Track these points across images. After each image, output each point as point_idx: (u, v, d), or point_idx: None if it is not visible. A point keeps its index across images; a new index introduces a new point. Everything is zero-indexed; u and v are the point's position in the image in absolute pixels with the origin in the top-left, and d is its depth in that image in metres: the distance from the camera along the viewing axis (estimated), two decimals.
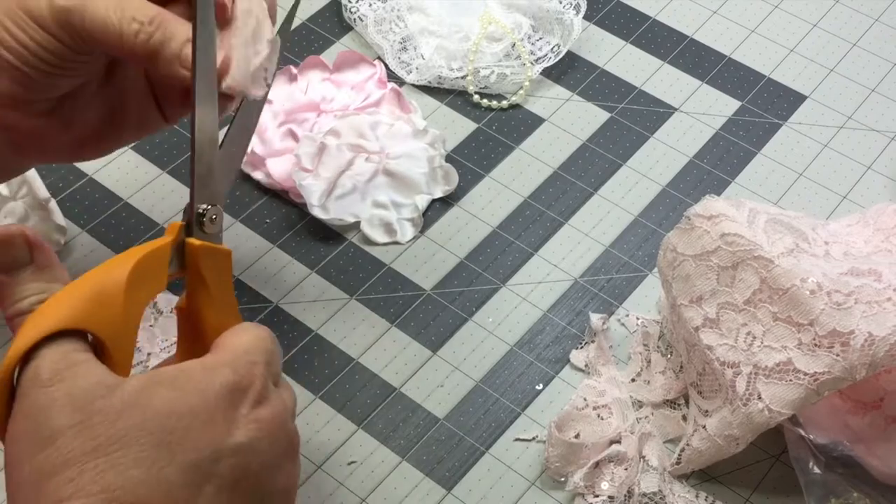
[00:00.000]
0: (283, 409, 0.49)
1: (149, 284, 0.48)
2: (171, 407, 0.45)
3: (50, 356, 0.44)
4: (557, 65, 0.81)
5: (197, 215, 0.51)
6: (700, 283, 0.61)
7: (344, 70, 0.79)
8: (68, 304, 0.45)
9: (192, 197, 0.51)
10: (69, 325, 0.44)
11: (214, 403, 0.46)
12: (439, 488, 0.62)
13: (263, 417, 0.48)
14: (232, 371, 0.47)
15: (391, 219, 0.72)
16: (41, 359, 0.44)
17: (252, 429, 0.47)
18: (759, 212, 0.62)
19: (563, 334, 0.69)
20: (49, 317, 0.44)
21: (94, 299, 0.45)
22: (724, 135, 0.79)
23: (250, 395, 0.47)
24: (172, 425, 0.44)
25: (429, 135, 0.75)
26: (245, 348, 0.49)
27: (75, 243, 0.71)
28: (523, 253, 0.72)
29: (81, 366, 0.44)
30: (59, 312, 0.44)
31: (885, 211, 0.65)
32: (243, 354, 0.48)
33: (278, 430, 0.48)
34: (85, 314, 0.45)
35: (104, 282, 0.46)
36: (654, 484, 0.62)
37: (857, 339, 0.56)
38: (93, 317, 0.45)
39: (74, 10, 0.54)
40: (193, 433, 0.45)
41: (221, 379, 0.47)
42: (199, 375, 0.47)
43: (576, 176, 0.76)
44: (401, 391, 0.66)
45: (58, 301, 0.45)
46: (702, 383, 0.62)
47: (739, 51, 0.84)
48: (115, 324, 0.46)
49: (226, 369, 0.47)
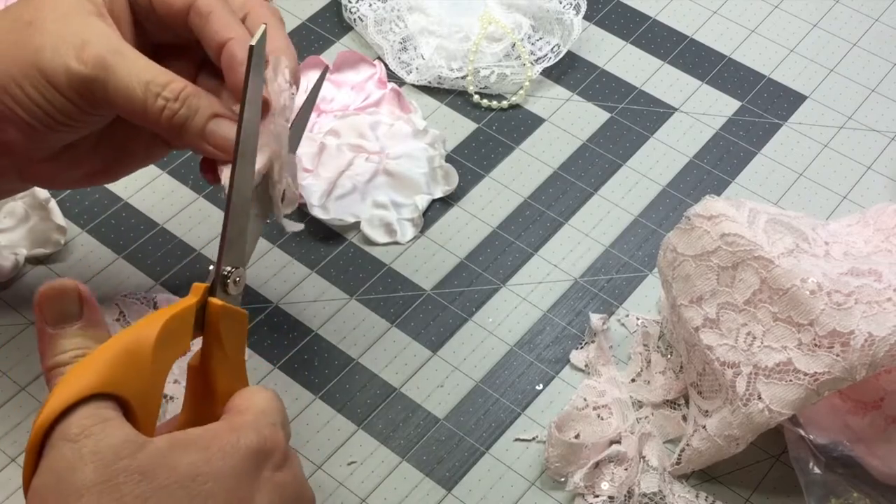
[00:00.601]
0: (301, 472, 0.50)
1: (174, 345, 0.49)
2: (196, 469, 0.45)
3: (79, 414, 0.44)
4: (557, 65, 0.81)
5: (222, 277, 0.51)
6: (700, 283, 0.61)
7: (344, 70, 0.79)
8: (99, 368, 0.45)
9: (220, 259, 0.52)
10: (99, 390, 0.45)
11: (240, 467, 0.46)
12: (439, 488, 0.62)
13: (285, 481, 0.48)
14: (256, 433, 0.47)
15: (391, 219, 0.72)
16: (71, 417, 0.44)
17: (274, 492, 0.47)
18: (759, 212, 0.62)
19: (563, 334, 0.69)
20: (81, 379, 0.45)
21: (123, 362, 0.46)
22: (724, 135, 0.79)
23: (273, 458, 0.47)
24: (197, 488, 0.44)
25: (429, 135, 0.75)
26: (264, 410, 0.49)
27: (75, 243, 0.71)
28: (523, 253, 0.72)
29: (109, 423, 0.44)
30: (90, 376, 0.45)
31: (885, 211, 0.65)
32: (263, 416, 0.48)
33: (298, 493, 0.49)
34: (114, 378, 0.45)
35: (133, 345, 0.46)
36: (654, 484, 0.62)
37: (857, 339, 0.56)
38: (122, 381, 0.45)
39: (97, 80, 0.54)
40: (218, 496, 0.45)
41: (247, 441, 0.46)
42: (225, 437, 0.46)
43: (576, 176, 0.76)
44: (401, 391, 0.66)
45: (89, 364, 0.46)
46: (702, 383, 0.62)
47: (739, 51, 0.84)
48: (143, 386, 0.46)
49: (250, 432, 0.47)
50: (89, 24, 0.55)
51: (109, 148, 0.60)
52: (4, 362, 0.66)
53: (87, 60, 0.53)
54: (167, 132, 0.55)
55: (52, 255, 0.70)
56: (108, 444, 0.43)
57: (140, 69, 0.54)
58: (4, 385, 0.65)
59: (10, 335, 0.67)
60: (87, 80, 0.54)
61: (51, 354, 0.47)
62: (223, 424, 0.48)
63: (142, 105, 0.54)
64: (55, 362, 0.47)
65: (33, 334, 0.66)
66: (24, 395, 0.65)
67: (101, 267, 0.70)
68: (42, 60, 0.54)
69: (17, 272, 0.69)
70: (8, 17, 0.56)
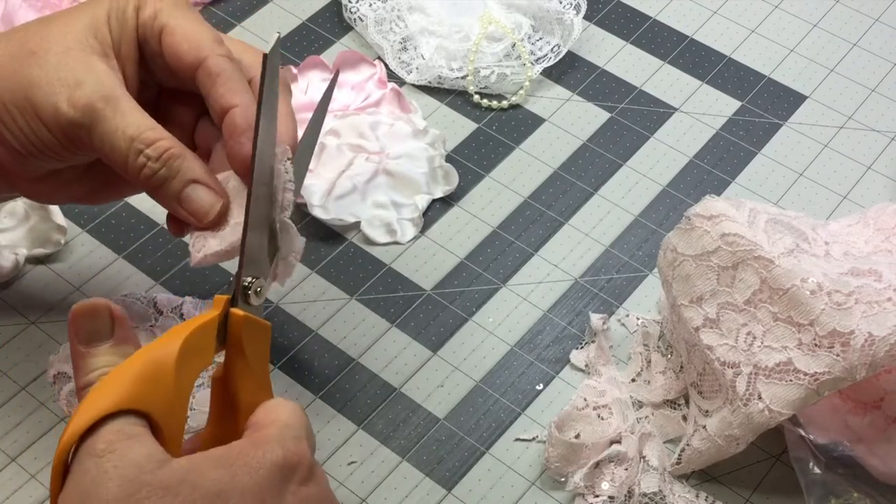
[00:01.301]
0: (328, 485, 0.49)
1: (197, 360, 0.48)
2: (220, 485, 0.44)
3: (105, 430, 0.44)
4: (557, 65, 0.81)
5: (243, 287, 0.51)
6: (700, 283, 0.61)
7: (344, 70, 0.79)
8: (123, 384, 0.45)
9: (241, 270, 0.52)
10: (124, 406, 0.45)
11: (265, 482, 0.45)
12: (439, 488, 0.62)
13: (311, 495, 0.47)
14: (281, 448, 0.47)
15: (391, 219, 0.72)
16: (97, 433, 0.44)
17: None
18: (759, 212, 0.62)
19: (563, 334, 0.69)
20: (106, 396, 0.45)
21: (146, 378, 0.46)
22: (725, 135, 0.79)
23: (298, 472, 0.47)
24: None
25: (429, 135, 0.75)
26: (287, 423, 0.48)
27: (75, 243, 0.71)
28: (523, 253, 0.72)
29: (134, 439, 0.44)
30: (114, 393, 0.45)
31: (886, 211, 0.65)
32: (287, 430, 0.48)
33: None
34: (138, 395, 0.45)
35: (155, 360, 0.46)
36: (655, 484, 0.62)
37: (857, 339, 0.56)
38: (146, 396, 0.45)
39: (83, 126, 0.54)
40: None
41: (272, 456, 0.46)
42: (249, 452, 0.46)
43: (576, 176, 0.76)
44: (401, 391, 0.66)
45: (113, 380, 0.46)
46: (702, 383, 0.62)
47: (739, 51, 0.84)
48: (167, 401, 0.46)
49: (275, 446, 0.47)
50: (89, 65, 0.54)
51: (96, 177, 0.60)
52: (4, 362, 0.66)
53: (76, 103, 0.53)
54: (144, 188, 0.55)
55: (52, 255, 0.70)
56: (131, 460, 0.43)
57: (128, 123, 0.54)
58: (4, 385, 0.65)
59: (10, 335, 0.67)
60: (74, 124, 0.54)
61: (83, 373, 0.48)
62: (247, 440, 0.47)
63: (123, 158, 0.54)
64: (86, 381, 0.48)
65: (33, 334, 0.67)
66: (24, 395, 0.65)
67: (101, 267, 0.70)
68: (35, 95, 0.54)
69: (17, 272, 0.69)
70: (15, 42, 0.56)
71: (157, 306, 0.67)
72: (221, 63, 0.55)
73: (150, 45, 0.57)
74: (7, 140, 0.55)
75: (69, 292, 0.68)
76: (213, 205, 0.55)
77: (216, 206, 0.55)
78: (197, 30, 0.56)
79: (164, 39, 0.56)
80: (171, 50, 0.56)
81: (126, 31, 0.56)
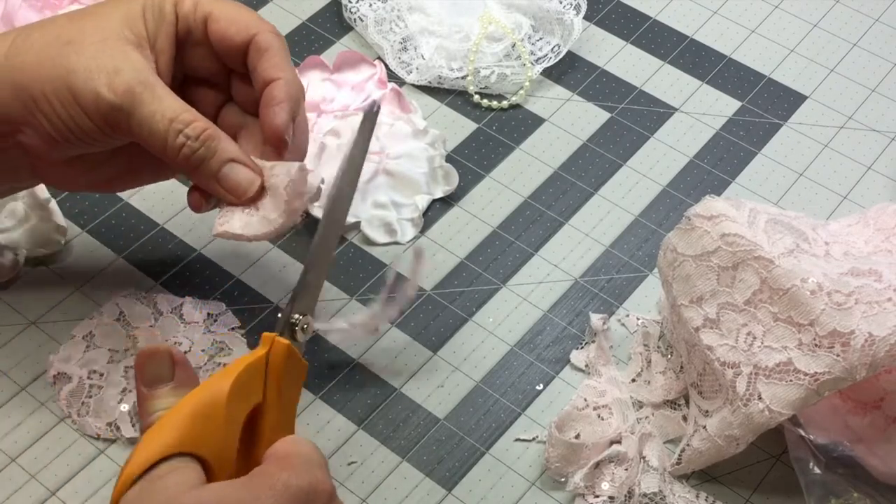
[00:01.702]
0: None
1: (247, 398, 0.49)
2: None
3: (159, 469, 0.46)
4: (557, 65, 0.81)
5: (290, 324, 0.53)
6: (700, 283, 0.61)
7: (344, 70, 0.79)
8: (175, 428, 0.47)
9: (291, 305, 0.53)
10: (175, 450, 0.46)
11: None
12: (439, 488, 0.62)
13: None
14: (308, 474, 0.47)
15: (391, 219, 0.72)
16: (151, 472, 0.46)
17: None
18: (759, 212, 0.62)
19: (563, 334, 0.69)
20: (158, 440, 0.46)
21: (197, 420, 0.47)
22: (725, 135, 0.79)
23: (322, 499, 0.47)
24: None
25: (429, 135, 0.75)
26: (309, 456, 0.49)
27: (75, 243, 0.71)
28: (523, 253, 0.72)
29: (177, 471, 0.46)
30: (167, 437, 0.46)
31: (886, 211, 0.65)
32: (313, 460, 0.48)
33: None
34: (190, 437, 0.46)
35: (206, 402, 0.47)
36: (655, 484, 0.62)
37: (857, 339, 0.56)
38: (197, 439, 0.47)
39: (123, 110, 0.55)
40: None
41: (298, 481, 0.47)
42: (274, 475, 0.47)
43: (576, 176, 0.76)
44: (401, 391, 0.66)
45: (167, 423, 0.47)
46: (702, 383, 0.62)
47: (739, 51, 0.84)
48: (218, 441, 0.47)
49: (302, 472, 0.47)
50: (125, 53, 0.56)
51: (121, 162, 0.62)
52: (4, 362, 0.66)
53: (116, 89, 0.55)
54: (183, 168, 0.57)
55: (52, 255, 0.70)
56: (173, 481, 0.45)
57: (166, 105, 0.56)
58: (4, 385, 0.65)
59: (10, 335, 0.67)
60: (114, 108, 0.55)
61: (146, 414, 0.50)
62: (273, 466, 0.48)
63: (163, 140, 0.56)
64: (147, 423, 0.49)
65: (33, 334, 0.67)
66: (25, 395, 0.65)
67: (101, 267, 0.70)
68: (75, 82, 0.55)
69: (17, 272, 0.69)
70: (51, 32, 0.57)
71: (157, 306, 0.67)
72: (269, 39, 0.59)
73: (193, 35, 0.59)
74: (43, 127, 0.56)
75: (69, 292, 0.68)
76: (252, 182, 0.57)
77: (255, 183, 0.57)
78: (240, 11, 0.60)
79: (210, 27, 0.59)
80: (218, 35, 0.59)
81: (163, 25, 0.58)
